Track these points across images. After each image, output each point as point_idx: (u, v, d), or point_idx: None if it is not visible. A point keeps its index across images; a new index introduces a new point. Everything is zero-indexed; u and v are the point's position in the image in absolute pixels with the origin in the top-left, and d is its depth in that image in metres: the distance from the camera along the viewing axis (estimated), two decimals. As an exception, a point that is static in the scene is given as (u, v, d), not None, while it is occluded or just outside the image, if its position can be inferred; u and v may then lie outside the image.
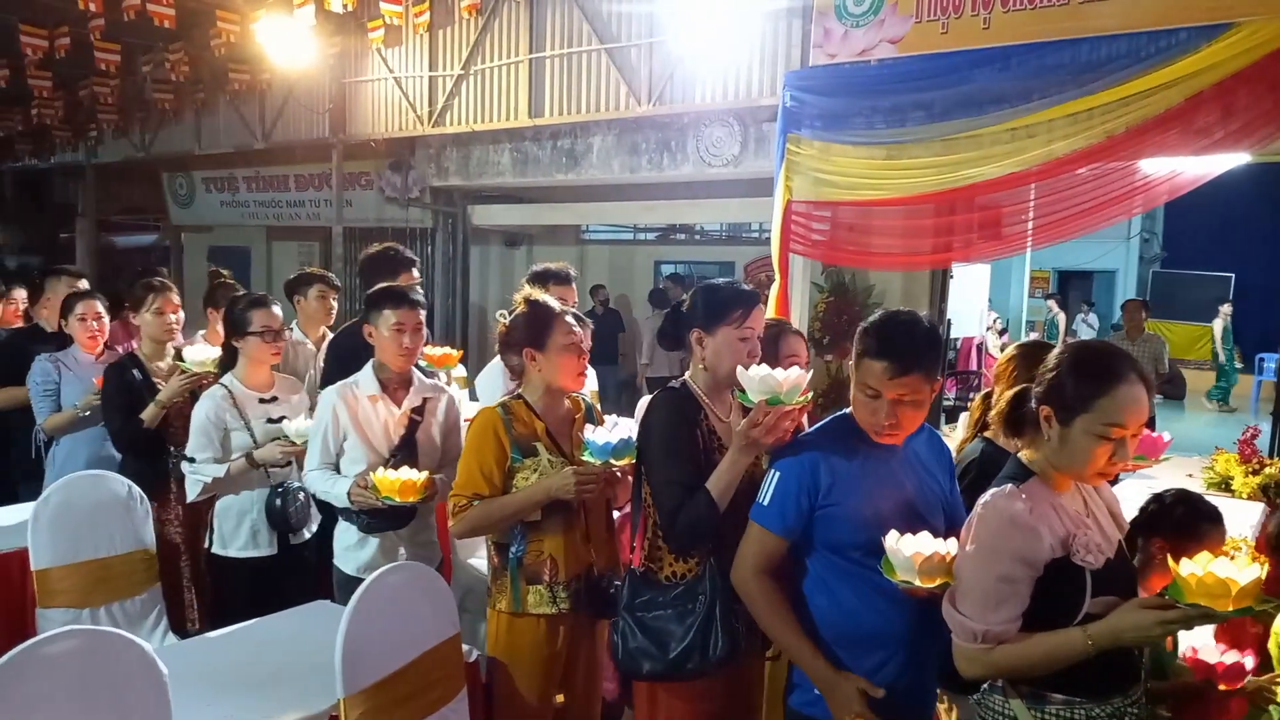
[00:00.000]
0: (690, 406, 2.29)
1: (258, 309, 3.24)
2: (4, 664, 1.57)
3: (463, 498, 2.48)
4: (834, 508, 2.00)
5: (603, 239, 12.08)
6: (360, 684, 2.03)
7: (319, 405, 2.97)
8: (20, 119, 11.78)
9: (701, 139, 7.66)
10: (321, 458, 2.90)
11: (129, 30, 8.19)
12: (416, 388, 3.02)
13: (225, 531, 3.21)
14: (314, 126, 10.04)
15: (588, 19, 7.75)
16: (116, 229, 17.22)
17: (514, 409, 2.55)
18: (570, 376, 2.54)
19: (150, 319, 3.65)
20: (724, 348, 2.26)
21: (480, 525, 2.51)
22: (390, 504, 2.65)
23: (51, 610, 2.86)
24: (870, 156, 5.98)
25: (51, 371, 3.84)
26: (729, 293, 2.31)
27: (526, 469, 2.50)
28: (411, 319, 2.91)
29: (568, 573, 2.51)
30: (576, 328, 2.56)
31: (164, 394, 3.44)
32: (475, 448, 2.50)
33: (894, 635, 2.00)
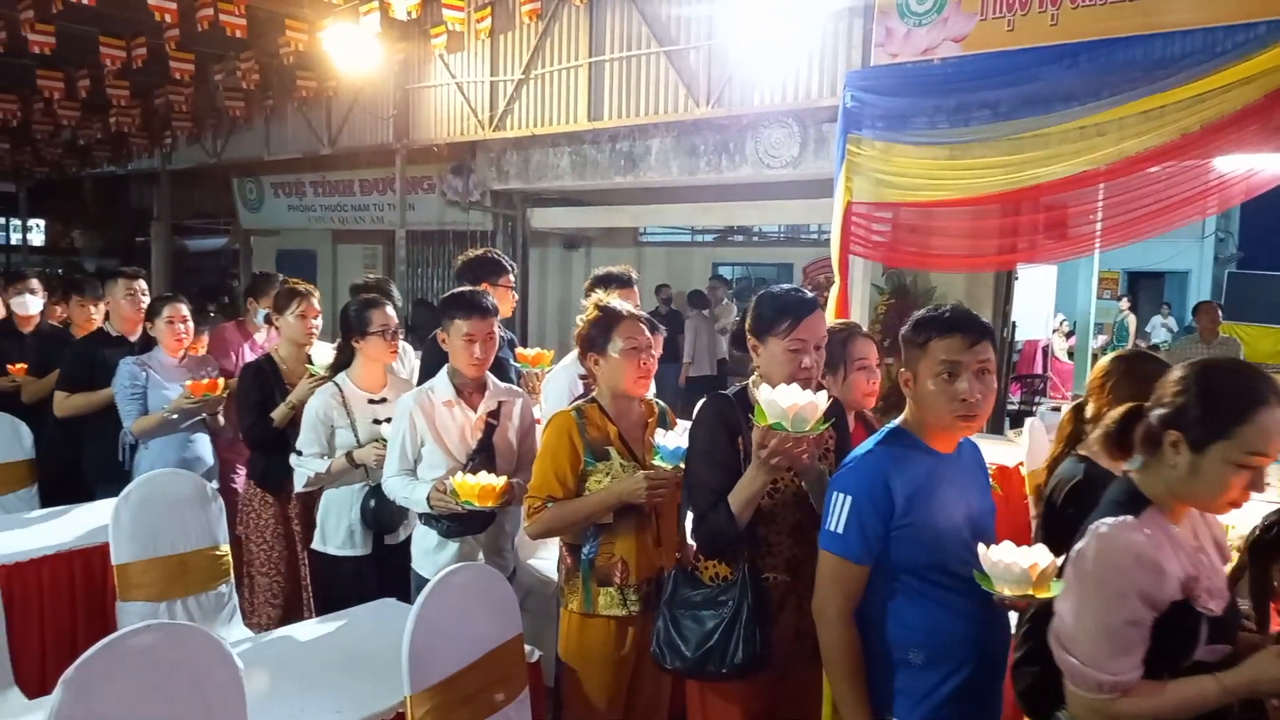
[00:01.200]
0: (737, 413, 2.28)
1: (374, 309, 3.31)
2: (90, 656, 1.64)
3: (537, 499, 2.52)
4: (909, 527, 1.95)
5: (660, 241, 12.11)
6: (426, 682, 2.06)
7: (396, 412, 3.00)
8: (100, 127, 12.20)
9: (760, 140, 7.63)
10: (400, 464, 2.94)
11: (202, 40, 8.44)
12: (491, 392, 3.04)
13: (327, 529, 3.30)
14: (378, 132, 10.24)
15: (647, 22, 7.77)
16: (189, 233, 17.76)
17: (588, 413, 2.58)
18: (632, 381, 2.55)
19: (293, 322, 3.73)
20: (774, 358, 2.25)
21: (554, 527, 2.55)
22: (470, 509, 2.68)
23: (130, 603, 2.96)
24: (933, 157, 5.90)
25: (138, 374, 3.90)
26: (779, 302, 2.27)
27: (599, 473, 2.52)
28: (482, 329, 2.92)
29: (638, 575, 2.53)
30: (642, 333, 2.57)
31: (294, 395, 3.53)
32: (550, 451, 2.54)
33: (969, 649, 1.97)
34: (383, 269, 12.99)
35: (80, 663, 1.62)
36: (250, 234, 14.89)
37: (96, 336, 4.37)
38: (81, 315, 4.68)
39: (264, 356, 3.78)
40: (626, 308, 2.63)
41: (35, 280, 5.14)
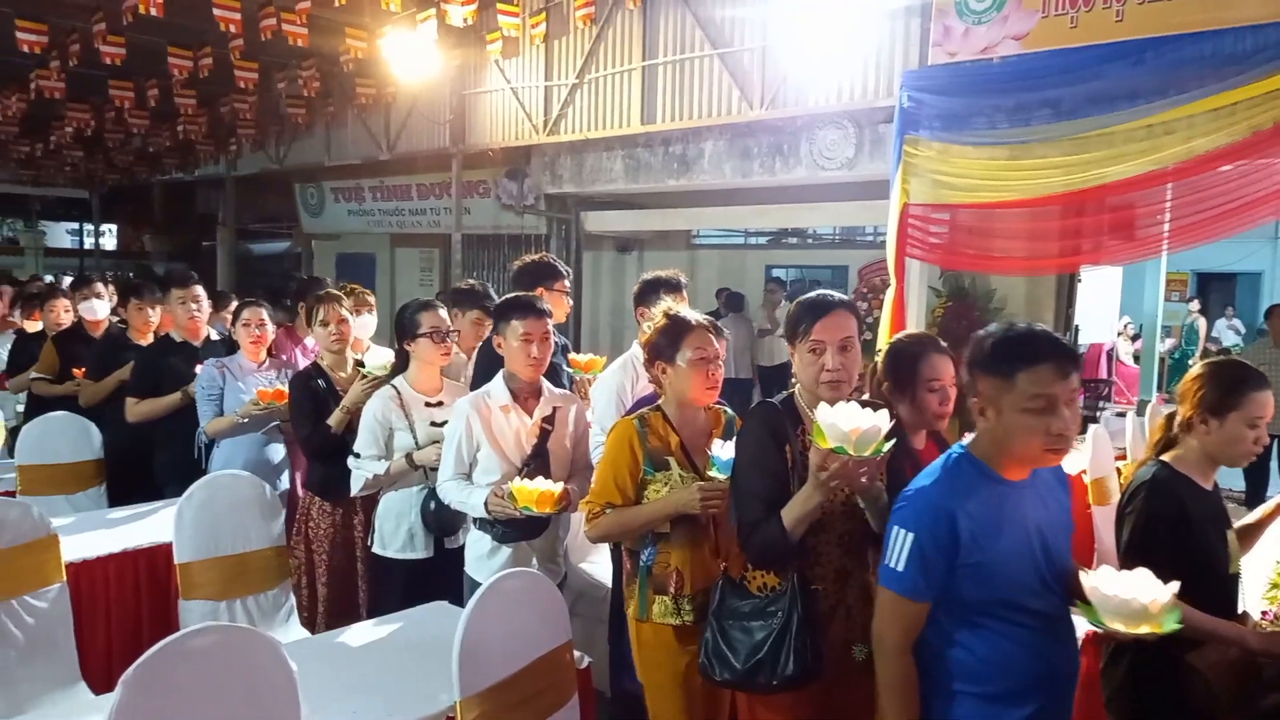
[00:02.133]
0: (785, 422, 2.24)
1: (425, 311, 3.32)
2: (149, 657, 1.68)
3: (596, 505, 2.53)
4: (976, 565, 1.88)
5: (713, 244, 12.07)
6: (476, 687, 2.08)
7: (452, 416, 3.00)
8: (168, 135, 12.59)
9: (815, 142, 7.56)
10: (455, 468, 2.94)
11: (265, 49, 8.64)
12: (547, 397, 3.02)
13: (385, 532, 3.29)
14: (435, 137, 10.39)
15: (700, 24, 7.76)
16: (253, 237, 18.22)
17: (651, 421, 2.57)
18: (700, 390, 2.53)
19: (319, 330, 3.76)
20: (801, 363, 2.24)
21: (611, 533, 2.57)
22: (528, 514, 2.67)
23: (192, 602, 3.03)
24: (993, 157, 5.79)
25: (216, 377, 3.95)
26: (800, 305, 2.26)
27: (657, 482, 2.51)
28: (539, 329, 2.91)
29: (694, 586, 2.49)
30: (711, 343, 2.54)
31: (348, 399, 3.51)
32: (610, 458, 2.54)
33: (1038, 681, 1.91)
34: (439, 273, 13.17)
35: (139, 663, 1.66)
36: (312, 238, 15.21)
37: (162, 343, 4.45)
38: (139, 318, 4.76)
39: (311, 364, 3.79)
40: (696, 317, 2.60)
41: (101, 285, 5.29)
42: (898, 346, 2.61)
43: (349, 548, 3.54)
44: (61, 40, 8.45)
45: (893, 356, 2.57)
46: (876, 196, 6.76)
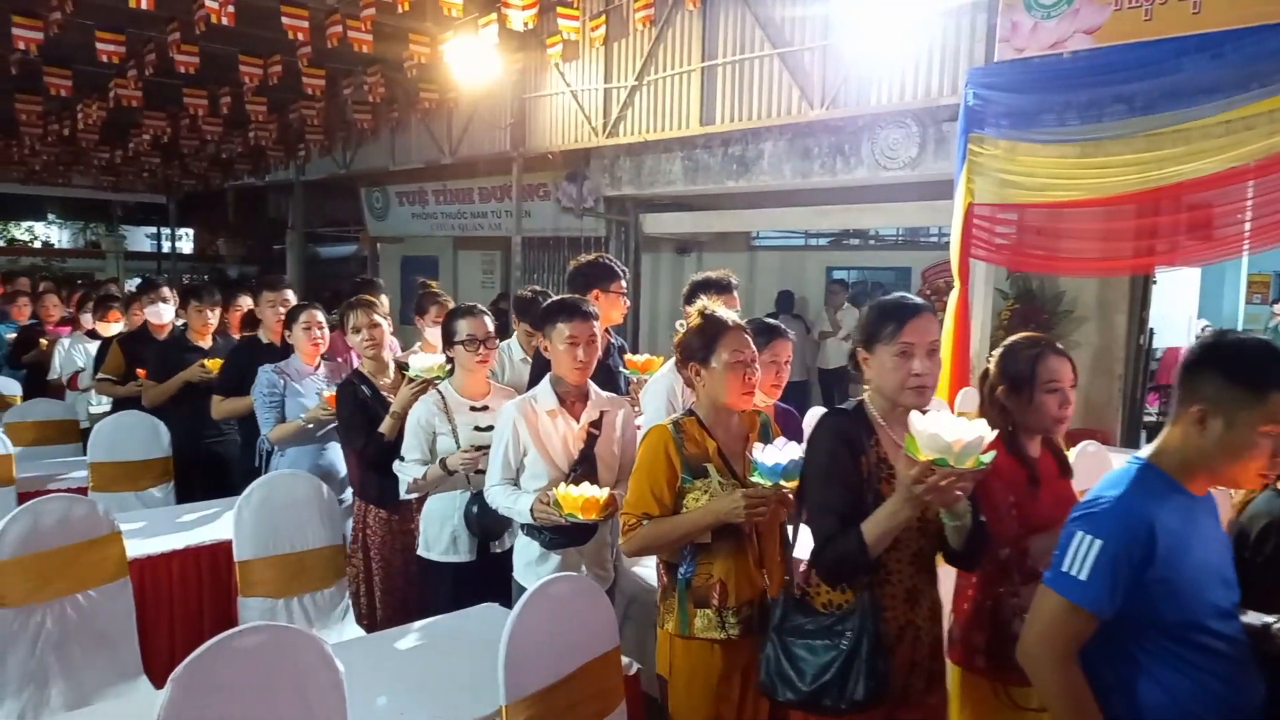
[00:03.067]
0: (857, 431, 2.16)
1: (465, 318, 3.30)
2: (198, 656, 1.70)
3: (632, 516, 2.44)
4: (1166, 581, 1.75)
5: (773, 245, 11.94)
6: (521, 692, 2.06)
7: (499, 420, 2.98)
8: (240, 141, 12.93)
9: (877, 141, 7.42)
10: (503, 473, 2.92)
11: (332, 56, 8.82)
12: (594, 401, 2.99)
13: (430, 535, 3.29)
14: (496, 141, 10.48)
15: (760, 24, 7.68)
16: (321, 240, 18.63)
17: (685, 427, 2.48)
18: (735, 395, 2.44)
19: (352, 337, 3.77)
20: (882, 367, 2.13)
21: (650, 545, 2.47)
22: (573, 521, 2.64)
23: (251, 599, 3.09)
24: (1062, 155, 5.62)
25: (276, 382, 3.94)
26: (883, 307, 2.17)
27: (696, 490, 2.41)
28: (584, 331, 2.88)
29: (738, 598, 2.41)
30: (748, 345, 2.46)
31: (397, 404, 3.49)
32: (646, 466, 2.45)
33: (1223, 714, 1.79)
34: (500, 275, 13.29)
35: (188, 662, 1.69)
36: (377, 241, 15.48)
37: (249, 344, 4.54)
38: (198, 320, 4.87)
39: (354, 373, 3.76)
40: (732, 317, 2.53)
41: (166, 289, 5.43)
42: (1014, 347, 2.50)
43: (406, 553, 3.53)
44: (139, 50, 8.74)
45: (1008, 357, 2.47)
46: (940, 197, 6.61)
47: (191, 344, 4.86)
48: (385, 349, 3.82)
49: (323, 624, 3.21)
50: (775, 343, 3.05)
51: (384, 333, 3.81)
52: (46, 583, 2.68)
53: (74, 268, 20.36)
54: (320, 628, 3.18)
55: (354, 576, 3.54)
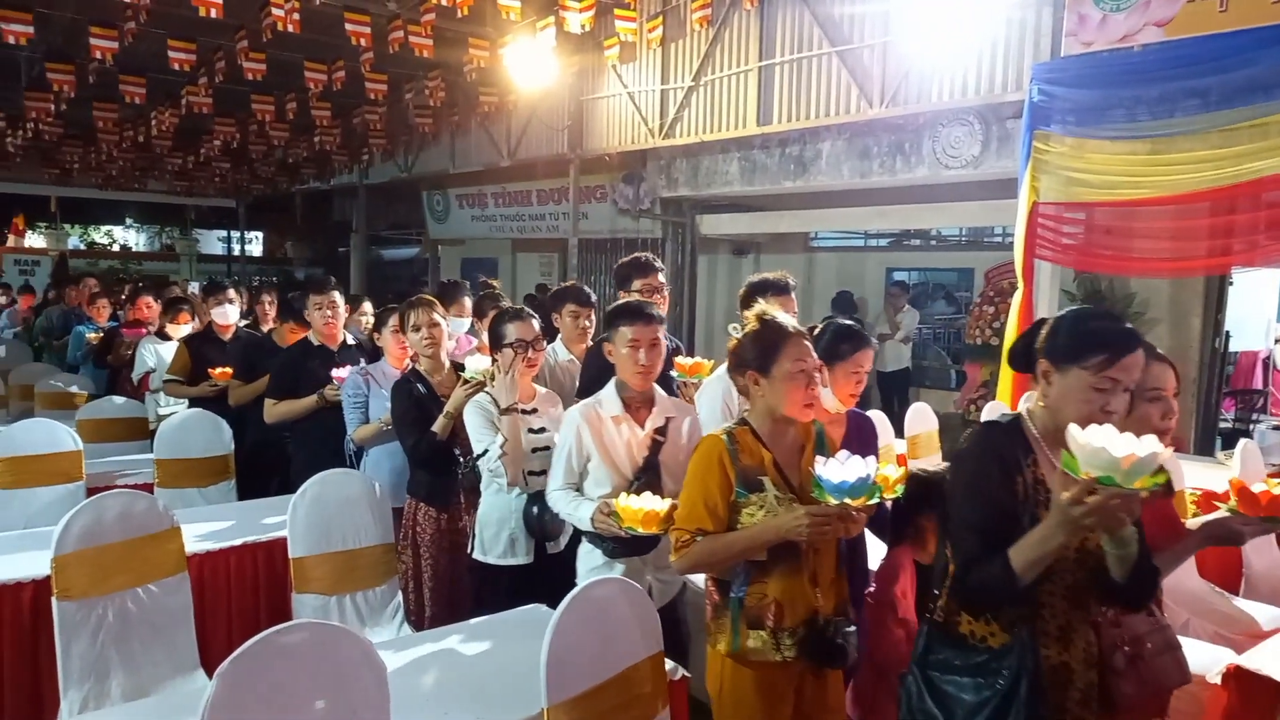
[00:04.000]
0: (1015, 447, 1.98)
1: (513, 322, 3.27)
2: (243, 651, 1.72)
3: (685, 533, 2.32)
4: None
5: (832, 246, 11.80)
6: (564, 694, 2.05)
7: (563, 425, 2.93)
8: (306, 146, 13.23)
9: (938, 140, 7.28)
10: (565, 478, 2.87)
11: (393, 61, 8.97)
12: (660, 408, 2.90)
13: (486, 539, 3.26)
14: (553, 143, 10.55)
15: (819, 22, 7.59)
16: (384, 243, 18.98)
17: (739, 437, 2.36)
18: (797, 406, 2.32)
19: (412, 336, 3.75)
20: (1072, 392, 1.90)
21: (703, 563, 2.35)
22: (633, 534, 2.58)
23: (304, 595, 3.13)
24: (1132, 152, 5.45)
25: (361, 385, 3.97)
26: (1095, 329, 1.92)
27: (752, 505, 2.30)
28: (647, 334, 2.80)
29: (793, 618, 2.30)
30: (810, 354, 2.35)
31: (451, 405, 3.48)
32: (699, 479, 2.33)
33: None
34: (558, 277, 13.37)
35: (234, 657, 1.71)
36: (438, 243, 15.70)
37: (301, 347, 4.57)
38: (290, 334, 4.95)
39: (410, 371, 3.77)
40: (793, 324, 2.42)
41: (232, 290, 5.55)
42: None
43: (455, 552, 3.54)
44: (208, 58, 8.99)
45: None
46: (1004, 196, 6.45)
47: (276, 347, 4.92)
48: (444, 348, 3.84)
49: (375, 622, 3.25)
50: (861, 351, 2.92)
51: (443, 332, 3.81)
52: (108, 576, 2.75)
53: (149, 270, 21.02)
54: (372, 626, 3.22)
55: (402, 574, 3.57)
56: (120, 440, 5.30)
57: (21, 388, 6.63)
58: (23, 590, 2.96)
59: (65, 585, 2.68)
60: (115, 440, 5.26)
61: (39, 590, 2.90)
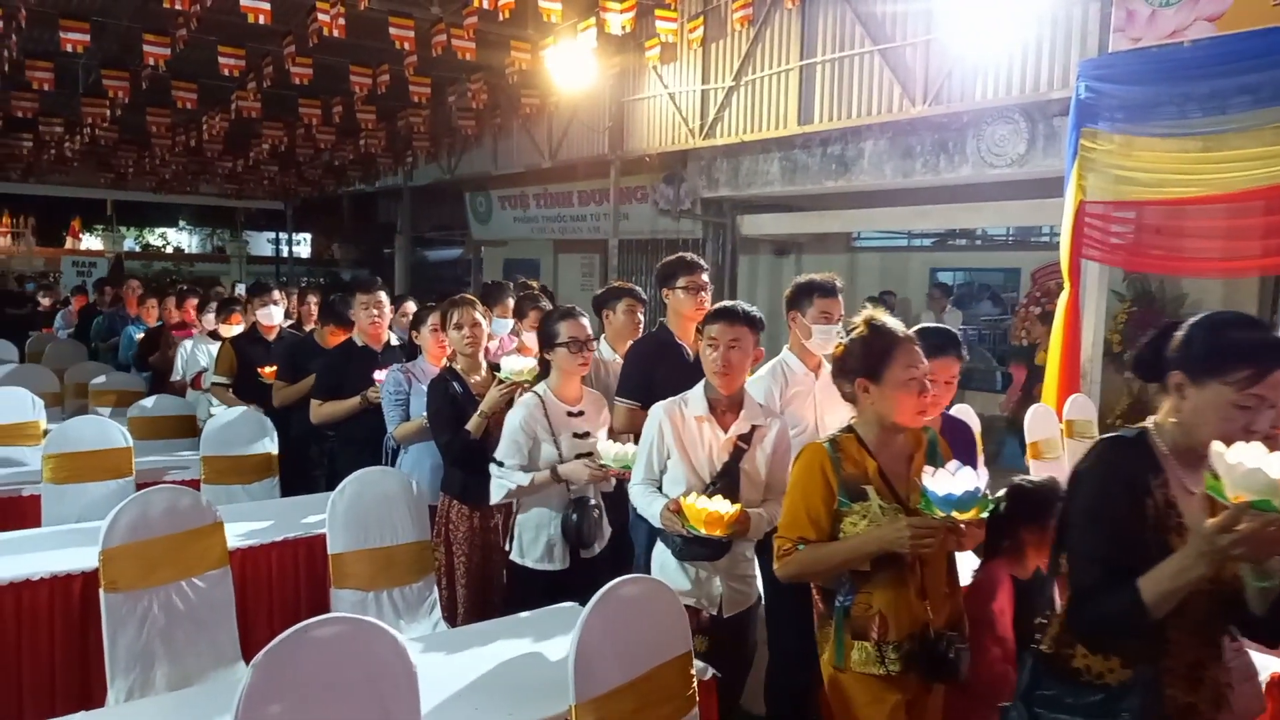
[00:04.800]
0: (1142, 466, 1.81)
1: (566, 320, 3.22)
2: (278, 643, 1.75)
3: (787, 541, 2.27)
4: None
5: (874, 246, 11.69)
6: (591, 692, 2.06)
7: (648, 420, 2.88)
8: (351, 149, 13.45)
9: (983, 138, 7.18)
10: (646, 473, 2.84)
11: (437, 65, 9.09)
12: (747, 413, 2.83)
13: (525, 542, 3.24)
14: (594, 144, 10.59)
15: (861, 21, 7.53)
16: (428, 244, 19.19)
17: (844, 445, 2.29)
18: (908, 414, 2.25)
19: (453, 334, 3.73)
20: (1210, 409, 1.74)
21: (806, 572, 2.29)
22: (694, 534, 2.54)
23: (343, 591, 3.17)
24: (1182, 149, 5.34)
25: (402, 382, 3.96)
26: (1238, 339, 1.75)
27: (854, 514, 2.23)
28: (726, 334, 2.77)
29: (899, 631, 2.22)
30: (921, 360, 2.27)
31: (485, 404, 3.48)
32: (801, 487, 2.28)
33: None
34: (598, 277, 13.41)
35: (268, 649, 1.74)
36: (481, 244, 15.84)
37: (345, 348, 4.59)
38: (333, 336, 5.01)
39: (446, 369, 3.74)
40: (904, 329, 2.32)
41: (278, 292, 5.62)
42: None
43: (487, 550, 3.56)
44: (257, 64, 9.19)
45: None
46: (1050, 194, 6.35)
47: (319, 348, 4.95)
48: (483, 348, 3.84)
49: (411, 618, 3.28)
50: (945, 359, 2.81)
51: (483, 332, 3.81)
52: (153, 569, 2.82)
53: (201, 271, 21.51)
54: (408, 622, 3.25)
55: (436, 570, 3.57)
56: (170, 437, 5.42)
57: (76, 386, 6.82)
58: (73, 582, 3.05)
59: (113, 577, 2.75)
60: (165, 437, 5.37)
61: (88, 582, 2.98)
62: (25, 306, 13.82)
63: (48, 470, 4.15)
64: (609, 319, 3.99)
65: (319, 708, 1.80)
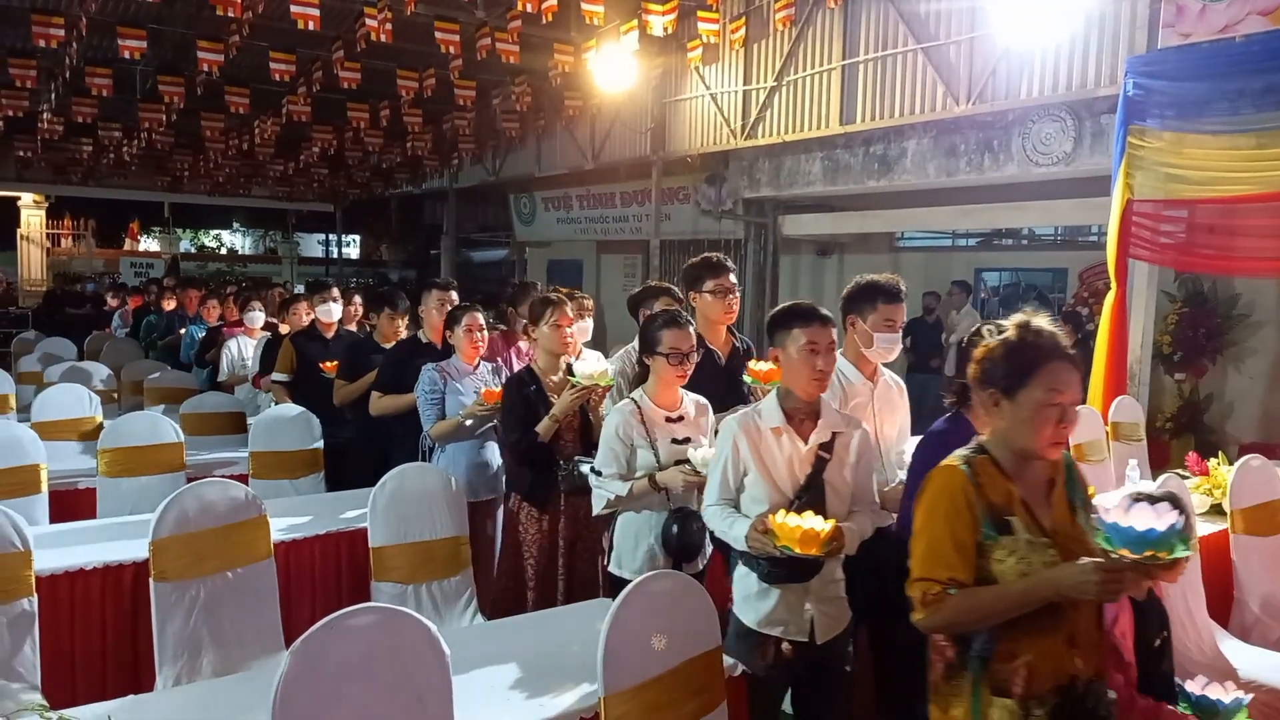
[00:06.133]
0: None
1: (669, 329, 3.02)
2: (315, 631, 1.81)
3: (935, 584, 1.93)
4: None
5: (918, 246, 11.57)
6: (620, 685, 2.09)
7: (719, 435, 2.70)
8: (399, 151, 13.66)
9: (1028, 136, 7.09)
10: (720, 493, 2.63)
11: (481, 68, 9.20)
12: (826, 421, 2.62)
13: (623, 552, 3.09)
14: (637, 145, 10.64)
15: (904, 19, 7.48)
16: (474, 245, 19.41)
17: (980, 468, 1.99)
18: (1042, 443, 1.94)
19: (548, 332, 3.60)
20: None
21: (961, 621, 1.95)
22: (789, 554, 2.35)
23: (383, 583, 3.26)
24: (1235, 146, 5.23)
25: (438, 380, 3.95)
26: None
27: (1000, 549, 1.93)
28: (824, 337, 2.56)
29: (1044, 684, 1.94)
30: (1076, 384, 1.98)
31: (557, 408, 3.38)
32: (942, 517, 1.96)
33: None
34: (640, 278, 13.46)
35: (305, 637, 1.80)
36: (525, 245, 15.98)
37: (410, 344, 4.65)
38: (390, 328, 5.07)
39: (524, 369, 3.68)
40: (1063, 341, 2.01)
41: (335, 289, 5.71)
42: None
43: (553, 552, 3.46)
44: (307, 68, 9.39)
45: None
46: (1098, 193, 6.25)
47: (379, 346, 5.01)
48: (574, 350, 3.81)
49: (449, 611, 3.35)
50: None
51: (575, 334, 3.79)
52: (201, 559, 2.91)
53: (253, 272, 21.99)
54: (446, 614, 3.32)
55: (504, 571, 3.51)
56: (220, 433, 5.56)
57: (132, 383, 7.02)
58: (124, 572, 3.15)
59: (162, 567, 2.85)
60: (216, 433, 5.52)
61: (139, 572, 3.08)
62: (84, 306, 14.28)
63: (103, 464, 4.30)
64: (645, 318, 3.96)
65: (354, 693, 1.86)
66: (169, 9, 8.37)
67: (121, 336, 9.73)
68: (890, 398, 3.25)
